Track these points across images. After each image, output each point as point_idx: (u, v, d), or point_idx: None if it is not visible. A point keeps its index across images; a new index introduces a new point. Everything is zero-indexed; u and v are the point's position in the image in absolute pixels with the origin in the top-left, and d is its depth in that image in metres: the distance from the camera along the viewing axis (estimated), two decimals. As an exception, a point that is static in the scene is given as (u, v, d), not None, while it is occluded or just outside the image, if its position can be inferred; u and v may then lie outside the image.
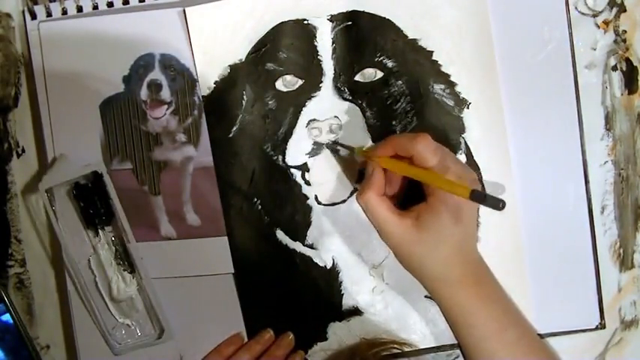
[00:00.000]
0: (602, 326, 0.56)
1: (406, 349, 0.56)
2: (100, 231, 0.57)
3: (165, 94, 0.57)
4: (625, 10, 0.56)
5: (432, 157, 0.46)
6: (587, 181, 0.55)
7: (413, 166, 0.47)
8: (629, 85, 0.56)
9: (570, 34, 0.55)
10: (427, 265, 0.48)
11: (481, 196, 0.42)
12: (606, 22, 0.56)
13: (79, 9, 0.57)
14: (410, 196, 0.50)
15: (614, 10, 0.56)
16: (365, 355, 0.55)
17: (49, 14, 0.57)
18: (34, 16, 0.57)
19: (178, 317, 0.58)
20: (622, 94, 0.56)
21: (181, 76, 0.56)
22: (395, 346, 0.56)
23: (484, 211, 0.55)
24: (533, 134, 0.55)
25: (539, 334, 0.55)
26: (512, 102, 0.55)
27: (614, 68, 0.56)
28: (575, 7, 0.55)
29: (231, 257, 0.57)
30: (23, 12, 0.58)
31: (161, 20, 0.56)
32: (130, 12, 0.57)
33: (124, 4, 0.57)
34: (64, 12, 0.57)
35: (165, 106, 0.57)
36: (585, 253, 0.56)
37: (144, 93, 0.57)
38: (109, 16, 0.57)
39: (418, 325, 0.56)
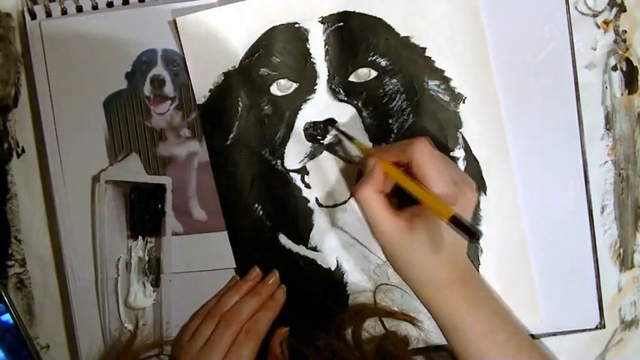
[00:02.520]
0: (602, 326, 0.56)
1: (416, 323, 0.56)
2: (139, 237, 0.58)
3: (169, 89, 0.57)
4: (625, 10, 0.56)
5: (427, 160, 0.45)
6: (587, 181, 0.55)
7: (406, 175, 0.46)
8: (629, 85, 0.56)
9: (570, 34, 0.55)
10: (416, 268, 0.48)
11: (459, 224, 0.42)
12: (606, 22, 0.56)
13: (79, 9, 0.57)
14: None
15: (614, 10, 0.56)
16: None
17: (48, 14, 0.57)
18: (33, 16, 0.57)
19: (184, 312, 0.57)
20: (622, 94, 0.56)
21: (184, 71, 0.56)
22: (405, 317, 0.55)
23: (485, 210, 0.55)
24: (533, 134, 0.55)
25: (539, 335, 0.56)
26: (512, 102, 0.55)
27: (614, 68, 0.56)
28: (575, 7, 0.55)
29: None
30: (23, 12, 0.58)
31: (162, 16, 0.56)
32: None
33: (123, 3, 0.57)
34: (64, 12, 0.57)
35: (169, 102, 0.57)
36: (585, 252, 0.55)
37: (147, 89, 0.57)
38: (109, 12, 0.57)
39: (423, 322, 0.56)
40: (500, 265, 0.55)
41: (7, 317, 0.58)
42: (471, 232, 0.42)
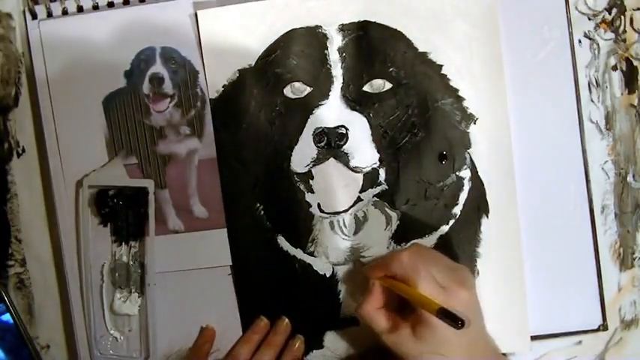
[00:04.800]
0: (604, 327, 0.56)
1: None
2: (123, 243, 0.58)
3: (168, 87, 0.57)
4: (625, 10, 0.56)
5: (408, 272, 0.47)
6: (587, 181, 0.55)
7: (397, 282, 0.48)
8: (629, 85, 0.56)
9: (570, 34, 0.55)
10: None
11: (446, 314, 0.43)
12: (606, 22, 0.56)
13: (80, 9, 0.57)
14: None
15: (614, 10, 0.56)
16: None
17: (49, 14, 0.57)
18: (34, 16, 0.57)
19: (179, 310, 0.58)
20: (622, 94, 0.56)
21: (183, 68, 0.56)
22: None
23: (485, 233, 0.55)
24: (533, 134, 0.55)
25: (539, 335, 0.56)
26: (511, 102, 0.55)
27: (614, 68, 0.56)
28: (575, 7, 0.56)
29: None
30: (24, 12, 0.58)
31: (160, 14, 0.56)
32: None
33: (124, 3, 0.57)
34: (65, 12, 0.57)
35: (168, 99, 0.57)
36: (586, 253, 0.56)
37: (146, 87, 0.57)
38: (109, 12, 0.57)
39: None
40: (495, 289, 0.55)
41: (7, 317, 0.58)
42: (457, 320, 0.43)
